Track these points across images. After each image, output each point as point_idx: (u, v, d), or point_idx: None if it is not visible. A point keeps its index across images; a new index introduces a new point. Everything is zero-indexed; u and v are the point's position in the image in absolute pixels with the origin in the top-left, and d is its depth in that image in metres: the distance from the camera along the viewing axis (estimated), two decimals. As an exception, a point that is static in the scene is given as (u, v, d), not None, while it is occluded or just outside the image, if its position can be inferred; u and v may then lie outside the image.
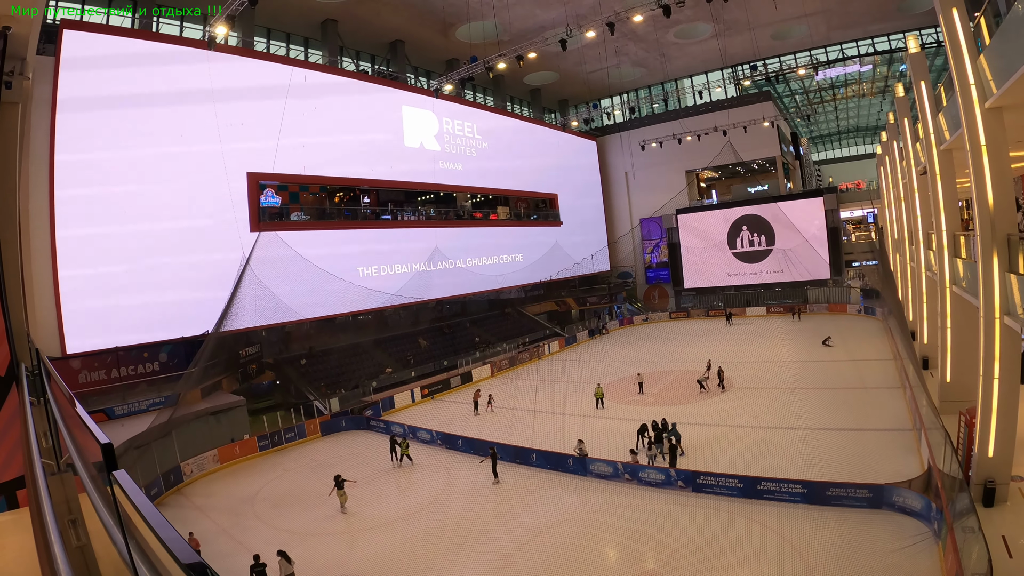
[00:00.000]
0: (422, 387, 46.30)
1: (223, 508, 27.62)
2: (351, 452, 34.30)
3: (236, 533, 24.66)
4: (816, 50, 69.97)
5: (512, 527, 23.56)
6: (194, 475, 31.50)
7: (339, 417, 39.73)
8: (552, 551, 21.35)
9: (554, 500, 25.93)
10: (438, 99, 53.84)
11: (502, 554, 21.27)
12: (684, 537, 21.68)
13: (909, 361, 33.98)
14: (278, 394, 43.52)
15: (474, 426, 35.99)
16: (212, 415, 35.59)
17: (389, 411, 42.30)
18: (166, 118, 36.68)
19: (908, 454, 26.20)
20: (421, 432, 35.61)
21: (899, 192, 47.68)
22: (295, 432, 37.08)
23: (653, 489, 25.95)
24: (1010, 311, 18.05)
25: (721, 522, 22.45)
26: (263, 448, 35.30)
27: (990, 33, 16.71)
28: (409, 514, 25.50)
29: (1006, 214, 18.31)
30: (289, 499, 28.18)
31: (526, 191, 70.06)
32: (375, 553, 22.15)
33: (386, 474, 30.82)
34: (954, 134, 22.64)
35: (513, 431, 34.58)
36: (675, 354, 54.04)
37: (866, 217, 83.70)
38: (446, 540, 22.73)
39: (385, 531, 24.06)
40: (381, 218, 52.67)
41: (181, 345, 36.99)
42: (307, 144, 44.24)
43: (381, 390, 44.72)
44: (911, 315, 45.18)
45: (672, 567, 19.67)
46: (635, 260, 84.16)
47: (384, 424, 38.37)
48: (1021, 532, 17.77)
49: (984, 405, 19.62)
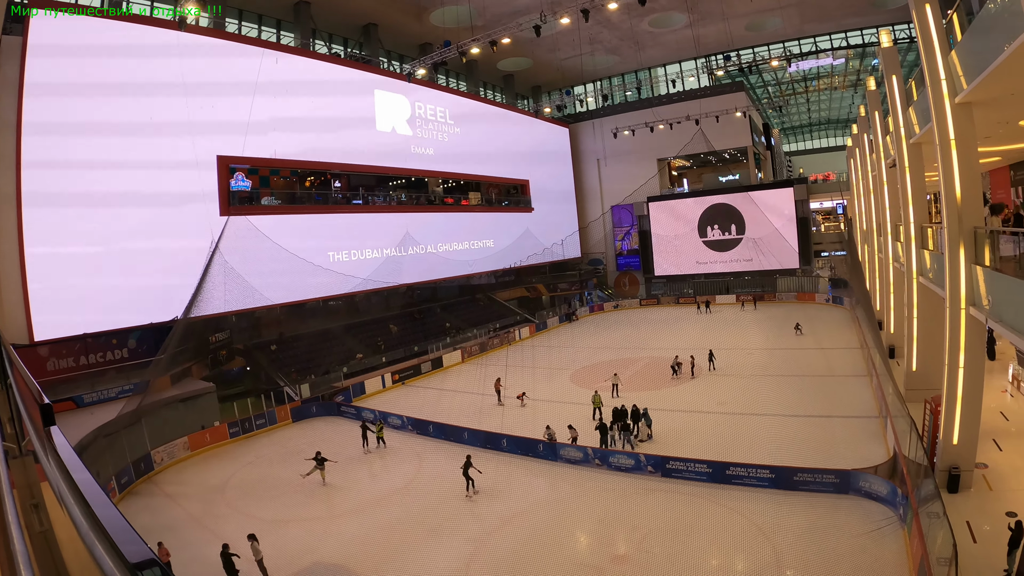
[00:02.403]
0: (393, 373, 46.11)
1: (194, 496, 27.34)
2: (322, 438, 34.05)
3: (207, 521, 24.43)
4: (790, 42, 70.45)
5: (484, 512, 23.67)
6: (164, 463, 31.09)
7: (310, 403, 39.50)
8: (524, 536, 21.47)
9: (525, 485, 26.07)
10: (411, 83, 53.34)
11: (474, 539, 21.34)
12: (655, 521, 21.89)
13: (876, 350, 34.48)
14: (248, 380, 43.03)
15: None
16: (182, 402, 35.15)
17: (360, 397, 42.16)
18: (135, 100, 35.89)
19: (874, 441, 26.67)
20: (392, 418, 35.50)
21: (868, 184, 48.26)
22: (266, 418, 36.79)
23: (623, 474, 26.17)
24: (975, 302, 18.40)
25: (691, 507, 22.74)
26: (234, 435, 34.96)
27: (962, 30, 16.93)
28: (381, 500, 25.48)
29: (973, 207, 18.62)
30: (261, 486, 27.99)
31: (498, 177, 69.94)
32: (348, 539, 22.10)
33: (358, 460, 30.72)
34: (924, 128, 22.91)
35: (483, 416, 34.69)
36: (645, 341, 54.41)
37: (835, 208, 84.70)
38: (418, 526, 22.73)
39: (357, 517, 24.02)
40: (352, 203, 52.28)
41: (150, 331, 36.51)
42: (278, 128, 43.71)
43: (352, 376, 44.53)
44: (878, 305, 45.99)
45: (643, 551, 19.87)
46: (606, 247, 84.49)
47: (355, 410, 38.22)
48: (985, 518, 18.16)
49: (949, 394, 20.03)
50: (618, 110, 79.57)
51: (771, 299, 70.36)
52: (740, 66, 59.67)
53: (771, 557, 18.70)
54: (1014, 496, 18.96)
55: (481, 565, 19.65)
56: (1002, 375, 30.30)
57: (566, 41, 64.34)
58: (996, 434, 23.79)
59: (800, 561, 18.34)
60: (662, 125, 67.59)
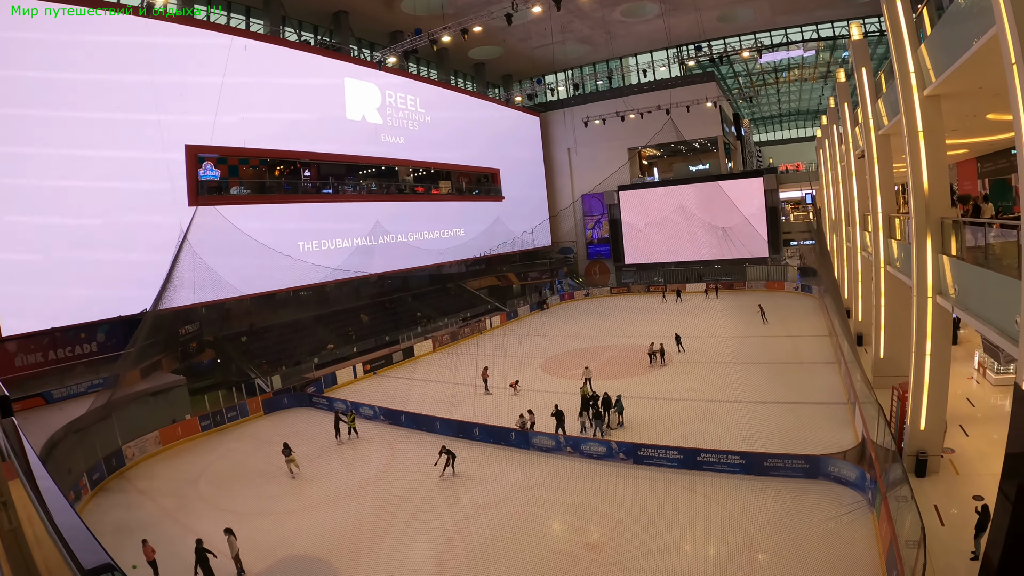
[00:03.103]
0: (364, 363, 45.91)
1: (167, 491, 26.99)
2: (294, 430, 33.79)
3: (181, 516, 24.16)
4: (761, 33, 70.88)
5: (457, 501, 23.77)
6: (136, 458, 30.63)
7: (281, 394, 39.15)
8: (498, 524, 21.59)
9: (497, 474, 26.17)
10: (381, 71, 52.83)
11: (448, 528, 21.40)
12: (627, 508, 22.10)
13: (844, 337, 34.97)
14: (219, 372, 42.55)
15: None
16: (152, 396, 34.58)
17: (331, 387, 41.88)
18: (102, 88, 35.07)
19: (843, 426, 27.13)
20: (364, 408, 35.36)
21: (837, 174, 48.90)
22: (237, 411, 36.40)
23: (595, 461, 26.37)
24: (942, 291, 18.77)
25: (663, 493, 22.98)
26: (205, 428, 34.55)
27: (932, 24, 17.18)
28: (355, 491, 25.42)
29: (940, 198, 18.98)
30: (234, 479, 27.73)
31: (468, 166, 69.70)
32: (322, 531, 22.01)
33: (331, 451, 30.56)
34: (892, 120, 23.27)
35: (455, 405, 34.74)
36: (616, 329, 54.78)
37: (804, 198, 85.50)
38: (392, 516, 22.72)
39: (331, 508, 23.92)
40: (322, 192, 51.79)
41: (119, 324, 35.94)
42: (247, 116, 43.06)
43: (323, 366, 44.24)
44: (846, 293, 46.61)
45: (616, 537, 20.09)
46: (576, 236, 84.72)
47: (327, 400, 38.00)
48: (952, 501, 18.61)
49: (916, 380, 20.43)
50: (589, 99, 79.71)
51: (741, 287, 71.14)
52: (711, 57, 59.85)
53: (743, 542, 19.01)
54: (980, 480, 19.36)
55: (456, 553, 19.72)
56: (968, 362, 30.96)
57: (538, 30, 64.23)
58: (963, 420, 24.35)
59: (772, 545, 18.65)
60: (633, 115, 67.66)
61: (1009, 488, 11.17)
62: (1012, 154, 28.31)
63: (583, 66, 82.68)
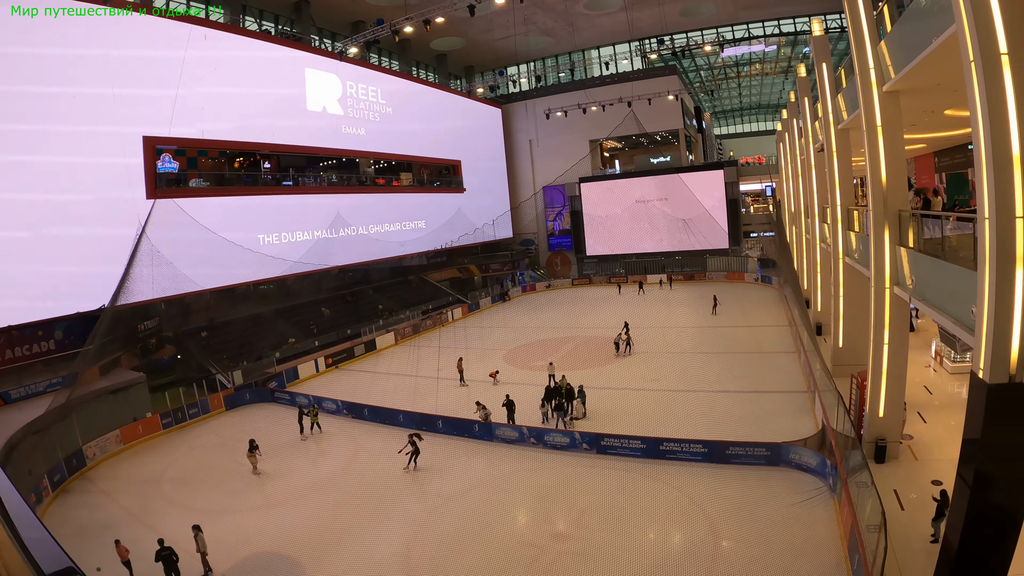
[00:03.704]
0: (326, 356, 45.55)
1: (130, 491, 26.43)
2: (257, 426, 33.35)
3: (145, 516, 23.71)
4: (723, 28, 71.39)
5: (422, 494, 23.74)
6: (97, 458, 29.90)
7: (243, 390, 38.62)
8: (463, 516, 21.64)
9: (462, 466, 26.17)
10: (342, 62, 52.27)
11: (414, 521, 21.37)
12: (591, 498, 22.26)
13: (804, 327, 35.63)
14: (179, 369, 41.80)
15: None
16: (112, 394, 33.82)
17: (294, 382, 41.50)
18: (56, 79, 33.92)
19: (803, 414, 27.69)
20: (327, 402, 35.10)
21: (797, 167, 49.60)
22: (199, 407, 35.78)
23: (559, 452, 26.54)
24: (899, 281, 19.17)
25: (627, 482, 23.20)
26: (167, 426, 33.89)
27: (892, 21, 17.50)
28: (320, 486, 25.24)
29: (898, 191, 19.35)
30: (197, 477, 27.30)
31: (430, 157, 69.25)
32: (288, 527, 21.81)
33: (294, 446, 30.29)
34: (852, 114, 23.69)
35: (418, 398, 34.63)
36: (578, 320, 55.03)
37: (764, 190, 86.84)
38: (358, 510, 22.64)
39: (296, 504, 23.73)
40: (282, 184, 51.11)
41: (77, 321, 35.04)
42: (206, 107, 42.14)
43: (285, 361, 43.77)
44: (806, 284, 47.33)
45: (582, 527, 20.24)
46: (538, 227, 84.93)
47: (289, 395, 37.65)
48: (912, 486, 19.06)
49: (875, 369, 20.88)
50: (551, 91, 79.80)
51: (701, 278, 71.96)
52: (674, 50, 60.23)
53: (707, 529, 19.28)
54: (938, 465, 19.85)
55: (422, 546, 19.70)
56: (925, 351, 31.67)
57: (500, 21, 64.11)
58: (921, 407, 24.94)
59: (735, 532, 18.96)
60: (595, 107, 67.92)
61: (967, 473, 11.48)
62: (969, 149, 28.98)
63: (545, 58, 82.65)
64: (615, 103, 66.69)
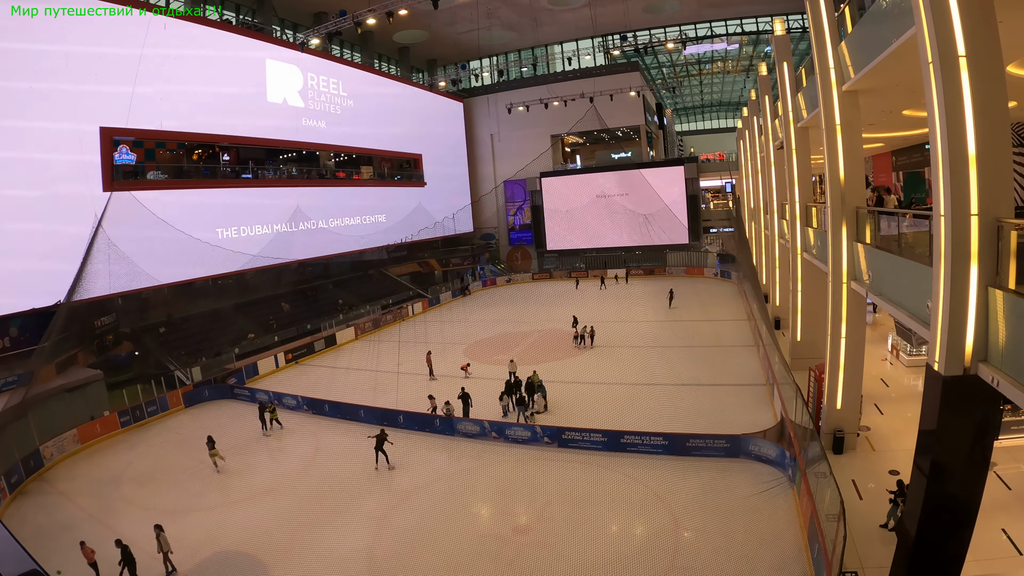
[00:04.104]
0: (286, 352, 45.02)
1: (89, 492, 25.85)
2: (217, 423, 32.86)
3: (104, 517, 23.21)
4: (686, 26, 71.92)
5: (384, 489, 23.66)
6: (55, 458, 29.12)
7: (202, 387, 38.03)
8: (426, 510, 21.63)
9: (424, 460, 26.15)
10: (304, 53, 51.62)
11: (376, 517, 21.33)
12: (553, 491, 22.41)
13: (762, 321, 36.23)
14: (137, 365, 40.85)
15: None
16: (69, 392, 32.98)
17: (253, 378, 40.93)
18: (12, 68, 32.86)
19: (762, 407, 28.19)
20: (287, 398, 34.80)
21: (757, 164, 50.23)
22: (157, 405, 35.13)
23: (520, 446, 26.67)
24: (856, 277, 19.62)
25: (588, 475, 23.40)
26: (125, 424, 33.16)
27: (853, 22, 17.84)
28: (281, 483, 24.99)
29: (856, 189, 19.78)
30: (156, 476, 26.80)
31: (391, 151, 68.81)
32: (250, 525, 21.56)
33: (255, 443, 29.93)
34: (811, 113, 24.09)
35: (378, 394, 34.51)
36: (538, 314, 55.16)
37: (724, 187, 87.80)
38: (320, 507, 22.49)
39: (258, 502, 23.48)
40: (241, 176, 50.38)
41: (32, 318, 33.95)
42: (165, 98, 41.14)
43: (244, 356, 43.18)
44: (764, 279, 48.04)
45: (543, 520, 20.37)
46: (498, 222, 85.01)
47: (249, 392, 37.18)
48: (869, 476, 19.49)
49: (832, 362, 21.33)
50: (513, 86, 79.64)
51: (661, 273, 72.69)
52: (636, 47, 60.64)
53: (669, 520, 19.54)
54: (895, 456, 20.33)
55: (385, 542, 19.68)
56: (882, 344, 32.42)
57: (464, 15, 63.95)
58: (877, 399, 25.51)
59: (696, 523, 19.26)
60: (556, 102, 67.90)
61: (923, 463, 11.81)
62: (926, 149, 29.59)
63: (508, 52, 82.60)
64: (577, 98, 66.86)
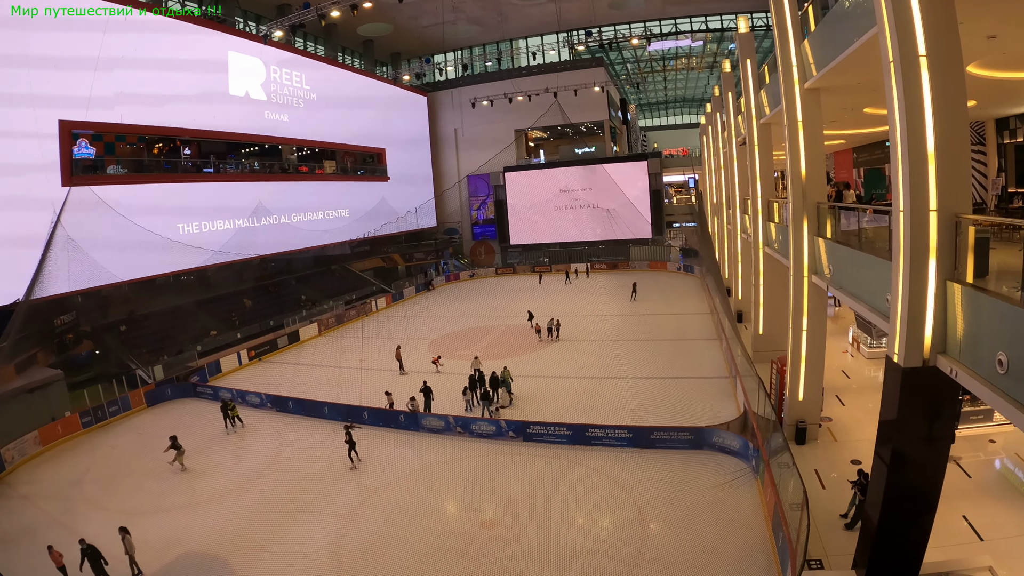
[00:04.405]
0: (249, 349, 44.43)
1: (51, 494, 25.26)
2: (180, 422, 32.29)
3: (68, 520, 22.70)
4: (651, 22, 72.36)
5: (349, 487, 23.54)
6: (16, 461, 28.38)
7: (164, 385, 37.35)
8: (393, 507, 21.59)
9: (389, 457, 26.05)
10: (267, 46, 50.86)
11: (342, 514, 21.23)
12: (519, 485, 22.52)
13: (725, 315, 36.76)
14: (98, 365, 39.80)
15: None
16: (29, 393, 32.10)
17: (216, 376, 40.31)
18: None
19: (726, 399, 28.59)
20: (250, 396, 34.39)
21: (719, 160, 50.71)
22: (119, 405, 34.36)
23: (485, 440, 26.77)
24: (817, 271, 19.99)
25: (554, 469, 23.55)
26: (87, 425, 32.42)
27: (816, 21, 18.11)
28: (246, 482, 24.71)
29: (817, 184, 20.13)
30: (119, 477, 26.28)
31: (354, 145, 68.25)
32: (215, 525, 21.29)
33: (219, 442, 29.52)
34: (774, 110, 24.42)
35: (342, 390, 34.29)
36: (502, 309, 55.21)
37: (687, 182, 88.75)
38: (285, 505, 22.28)
39: (223, 501, 23.19)
40: (203, 171, 49.45)
41: (-10, 317, 33.24)
42: (126, 90, 40.32)
43: (206, 354, 42.56)
44: (727, 273, 48.59)
45: (510, 514, 20.49)
46: (462, 217, 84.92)
47: (212, 390, 36.64)
48: (832, 466, 19.88)
49: (794, 354, 21.72)
50: (477, 80, 79.54)
51: (625, 267, 73.23)
52: (601, 42, 60.97)
53: (634, 512, 19.75)
54: (856, 446, 20.77)
55: (352, 539, 19.60)
56: (843, 337, 33.09)
57: (428, 8, 63.79)
58: (838, 390, 26.02)
59: (662, 514, 19.52)
60: (521, 97, 67.96)
61: (884, 452, 12.10)
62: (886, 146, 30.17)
63: (473, 47, 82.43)
64: (541, 93, 67.01)
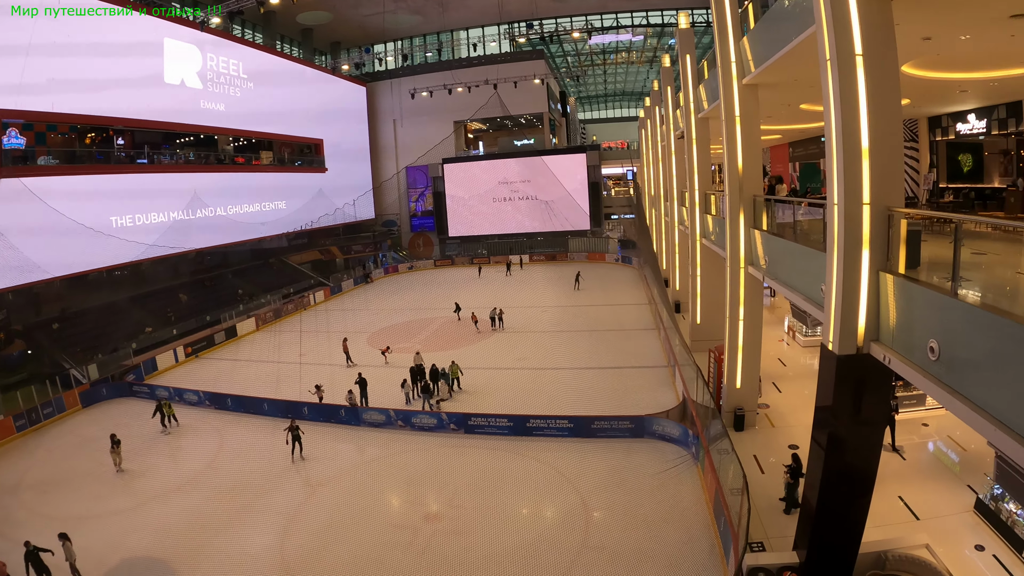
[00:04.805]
0: (185, 345, 43.40)
1: (-14, 503, 24.41)
2: (116, 423, 31.19)
3: (6, 529, 21.72)
4: (592, 15, 72.92)
5: (293, 483, 23.32)
6: None
7: (99, 385, 36.19)
8: (336, 503, 21.55)
9: (330, 452, 25.88)
10: (203, 32, 49.48)
11: (286, 512, 21.01)
12: (462, 478, 22.67)
13: (663, 305, 37.39)
14: (31, 365, 38.37)
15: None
16: (-41, 395, 30.84)
17: (152, 374, 39.29)
18: None
19: (665, 388, 29.20)
20: (188, 393, 33.71)
21: (658, 153, 51.19)
22: (53, 406, 33.16)
23: (426, 433, 26.83)
24: (753, 262, 20.46)
25: (496, 460, 23.81)
26: (21, 428, 31.22)
27: (755, 19, 18.50)
28: (186, 482, 24.21)
29: (753, 178, 20.58)
30: (58, 482, 25.42)
31: (291, 135, 67.27)
32: (157, 528, 20.79)
33: (157, 442, 28.76)
34: (712, 104, 24.85)
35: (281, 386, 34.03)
36: (441, 301, 54.89)
37: (626, 174, 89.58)
38: (228, 505, 21.97)
39: (164, 503, 22.66)
40: (137, 162, 48.03)
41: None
42: (57, 77, 38.77)
43: (142, 351, 41.32)
44: (664, 264, 49.21)
45: (454, 506, 20.66)
46: (400, 208, 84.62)
47: (148, 389, 35.75)
48: (770, 451, 20.40)
49: (731, 343, 22.23)
50: (417, 71, 79.15)
51: (564, 259, 73.83)
52: (542, 35, 61.07)
53: (578, 501, 20.09)
54: (793, 431, 21.37)
55: (296, 537, 19.45)
56: (779, 326, 33.95)
57: (370, -4, 62.97)
58: (775, 378, 26.68)
59: (605, 503, 19.87)
60: (460, 88, 67.75)
61: (820, 437, 12.54)
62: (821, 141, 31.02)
63: (413, 37, 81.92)
64: (481, 85, 66.92)
